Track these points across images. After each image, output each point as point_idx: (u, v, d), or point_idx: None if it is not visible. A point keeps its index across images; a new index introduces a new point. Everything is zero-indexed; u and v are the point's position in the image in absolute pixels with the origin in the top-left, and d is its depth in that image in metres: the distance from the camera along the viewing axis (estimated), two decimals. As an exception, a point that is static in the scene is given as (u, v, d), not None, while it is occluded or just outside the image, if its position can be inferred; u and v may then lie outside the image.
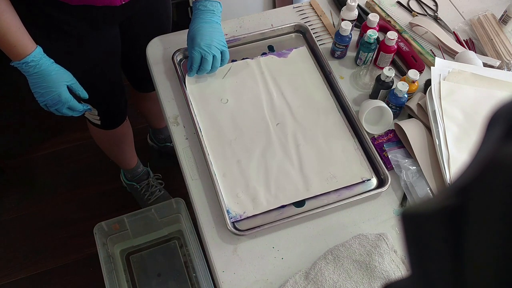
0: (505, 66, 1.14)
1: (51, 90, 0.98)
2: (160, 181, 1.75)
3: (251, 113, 1.03)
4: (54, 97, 0.99)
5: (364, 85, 1.10)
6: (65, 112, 1.03)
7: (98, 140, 1.47)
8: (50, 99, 0.99)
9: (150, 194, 1.69)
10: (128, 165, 1.65)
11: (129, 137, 1.52)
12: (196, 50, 1.01)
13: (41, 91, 0.98)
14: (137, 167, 1.68)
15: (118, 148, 1.53)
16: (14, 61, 0.94)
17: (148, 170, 1.73)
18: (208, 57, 1.01)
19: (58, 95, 0.99)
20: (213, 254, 0.87)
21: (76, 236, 1.68)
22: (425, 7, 1.28)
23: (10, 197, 1.77)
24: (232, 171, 0.95)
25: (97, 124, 1.33)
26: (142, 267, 1.57)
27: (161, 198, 1.70)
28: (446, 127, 0.96)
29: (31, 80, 0.97)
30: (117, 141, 1.48)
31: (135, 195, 1.74)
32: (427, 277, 0.32)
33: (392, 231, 0.90)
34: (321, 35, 1.20)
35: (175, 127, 1.02)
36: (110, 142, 1.48)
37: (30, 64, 0.94)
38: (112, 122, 1.36)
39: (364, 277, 0.83)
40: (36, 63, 0.94)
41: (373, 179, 0.96)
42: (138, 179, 1.70)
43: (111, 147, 1.51)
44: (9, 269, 1.61)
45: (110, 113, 1.32)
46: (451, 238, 0.30)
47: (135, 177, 1.69)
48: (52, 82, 0.97)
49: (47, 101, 1.00)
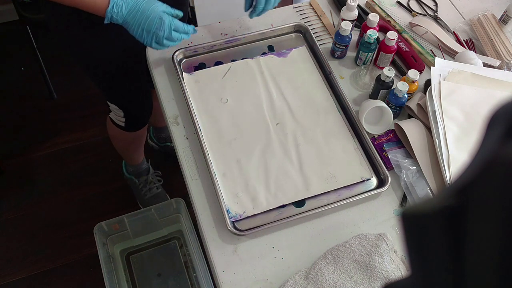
0: (505, 66, 1.14)
1: (151, 18, 0.91)
2: (159, 178, 1.76)
3: (251, 113, 1.03)
4: (157, 23, 0.92)
5: (364, 85, 1.10)
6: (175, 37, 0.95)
7: (113, 138, 1.50)
8: (155, 28, 0.91)
9: (148, 190, 1.71)
10: (134, 162, 1.68)
11: (143, 138, 1.56)
12: None
13: (143, 27, 0.92)
14: (142, 163, 1.71)
15: (130, 147, 1.57)
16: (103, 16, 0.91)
17: (149, 166, 1.74)
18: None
19: (159, 18, 0.92)
20: (213, 254, 0.87)
21: (76, 236, 1.68)
22: (425, 7, 1.28)
23: (10, 197, 1.77)
24: (232, 171, 0.95)
25: (120, 125, 1.35)
26: (142, 267, 1.57)
27: (158, 195, 1.72)
28: (446, 127, 0.96)
29: (130, 24, 0.92)
30: (132, 142, 1.52)
31: (133, 189, 1.76)
32: (427, 277, 0.32)
33: (392, 231, 0.90)
34: (321, 35, 1.20)
35: (175, 127, 1.02)
36: (125, 142, 1.51)
37: (118, 3, 0.90)
38: (135, 125, 1.38)
39: (364, 277, 0.83)
40: (122, 2, 0.90)
41: (373, 179, 0.96)
42: (138, 174, 1.71)
43: (124, 146, 1.55)
44: (9, 269, 1.61)
45: (135, 117, 1.34)
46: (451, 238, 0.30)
47: (136, 172, 1.71)
48: (147, 10, 0.91)
49: (155, 32, 0.92)
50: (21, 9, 1.70)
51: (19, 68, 2.12)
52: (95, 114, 1.96)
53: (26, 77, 2.09)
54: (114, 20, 0.92)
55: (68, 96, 2.03)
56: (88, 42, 1.09)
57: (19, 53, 2.15)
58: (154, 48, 0.96)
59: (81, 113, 1.98)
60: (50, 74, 1.97)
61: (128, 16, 0.91)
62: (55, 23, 1.08)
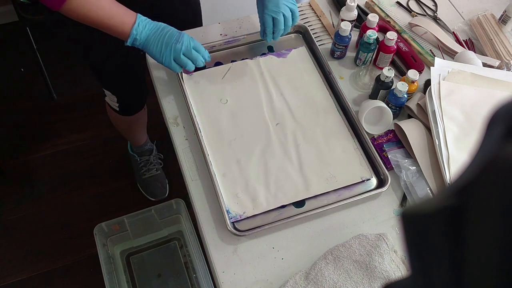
0: (504, 66, 1.14)
1: (172, 33, 0.95)
2: (160, 161, 1.79)
3: (251, 113, 1.03)
4: (176, 37, 0.95)
5: (364, 85, 1.10)
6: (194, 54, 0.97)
7: (113, 120, 1.52)
8: (174, 40, 0.94)
9: (147, 171, 1.75)
10: (137, 143, 1.71)
11: (143, 121, 1.59)
12: (266, 13, 1.03)
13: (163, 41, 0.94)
14: (144, 144, 1.74)
15: (131, 129, 1.61)
16: (126, 39, 0.94)
17: (153, 147, 1.77)
18: (279, 16, 1.03)
19: (179, 33, 0.96)
20: (213, 255, 0.87)
21: (76, 237, 1.68)
22: (425, 7, 1.28)
23: (10, 197, 1.76)
24: (232, 171, 0.95)
25: (115, 110, 1.37)
26: (142, 267, 1.57)
27: (156, 177, 1.76)
28: (446, 127, 0.96)
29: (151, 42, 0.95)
30: (131, 124, 1.56)
31: (134, 166, 1.79)
32: (427, 277, 0.32)
33: (392, 231, 0.90)
34: (320, 36, 1.20)
35: (175, 127, 1.02)
36: (124, 124, 1.55)
37: (143, 21, 0.94)
38: (129, 110, 1.41)
39: (364, 277, 0.83)
40: (146, 21, 0.95)
41: (373, 179, 0.96)
42: (140, 153, 1.75)
43: (124, 128, 1.59)
44: (9, 270, 1.61)
45: (128, 103, 1.37)
46: (451, 238, 0.30)
47: (138, 151, 1.75)
48: (169, 28, 0.96)
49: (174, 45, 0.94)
50: (20, 10, 1.69)
51: (19, 69, 2.12)
52: (95, 114, 1.96)
53: (26, 77, 2.09)
54: (136, 41, 0.94)
55: (68, 96, 2.03)
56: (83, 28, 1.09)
57: (19, 54, 2.15)
58: (173, 68, 0.97)
59: (81, 113, 1.98)
60: (50, 74, 1.97)
61: (150, 33, 0.95)
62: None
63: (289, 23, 1.05)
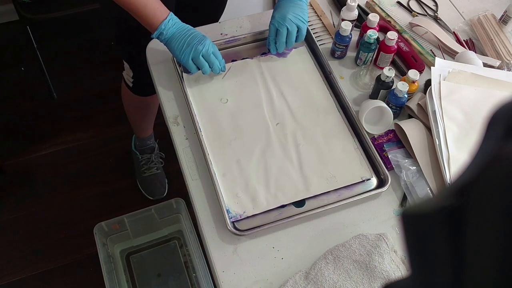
0: (505, 66, 1.14)
1: (196, 34, 0.99)
2: (161, 160, 1.79)
3: (251, 113, 1.03)
4: (200, 38, 0.99)
5: (364, 85, 1.10)
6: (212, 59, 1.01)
7: (125, 101, 1.53)
8: (196, 41, 0.99)
9: (147, 169, 1.75)
10: (142, 133, 1.71)
11: (153, 108, 1.58)
12: (272, 23, 1.04)
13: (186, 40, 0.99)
14: (148, 139, 1.74)
15: (140, 115, 1.60)
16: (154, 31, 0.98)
17: (155, 146, 1.77)
18: (282, 29, 1.03)
19: (203, 36, 1.00)
20: (213, 254, 0.87)
21: (76, 236, 1.68)
22: (425, 7, 1.28)
23: (10, 197, 1.76)
24: (232, 171, 0.95)
25: (129, 85, 1.38)
26: (142, 267, 1.57)
27: (156, 176, 1.76)
28: (446, 127, 0.96)
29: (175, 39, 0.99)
30: (142, 108, 1.55)
31: (135, 163, 1.79)
32: (427, 277, 0.32)
33: (392, 231, 0.90)
34: (321, 35, 1.20)
35: (175, 127, 1.02)
36: (135, 106, 1.54)
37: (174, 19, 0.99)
38: (143, 90, 1.40)
39: (364, 277, 0.83)
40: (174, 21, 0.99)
41: (373, 179, 0.96)
42: (142, 151, 1.75)
43: (134, 111, 1.58)
44: (8, 269, 1.61)
45: (143, 80, 1.36)
46: (451, 238, 0.30)
47: (141, 147, 1.75)
48: (194, 29, 1.00)
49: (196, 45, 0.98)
50: (21, 9, 1.70)
51: (19, 68, 2.12)
52: (95, 114, 1.96)
53: (26, 77, 2.09)
54: (162, 35, 0.99)
55: (68, 96, 2.03)
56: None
57: (19, 53, 2.15)
58: (189, 67, 1.01)
59: (81, 113, 1.98)
60: (50, 74, 1.97)
61: (176, 31, 0.99)
62: None
63: (292, 38, 1.06)
